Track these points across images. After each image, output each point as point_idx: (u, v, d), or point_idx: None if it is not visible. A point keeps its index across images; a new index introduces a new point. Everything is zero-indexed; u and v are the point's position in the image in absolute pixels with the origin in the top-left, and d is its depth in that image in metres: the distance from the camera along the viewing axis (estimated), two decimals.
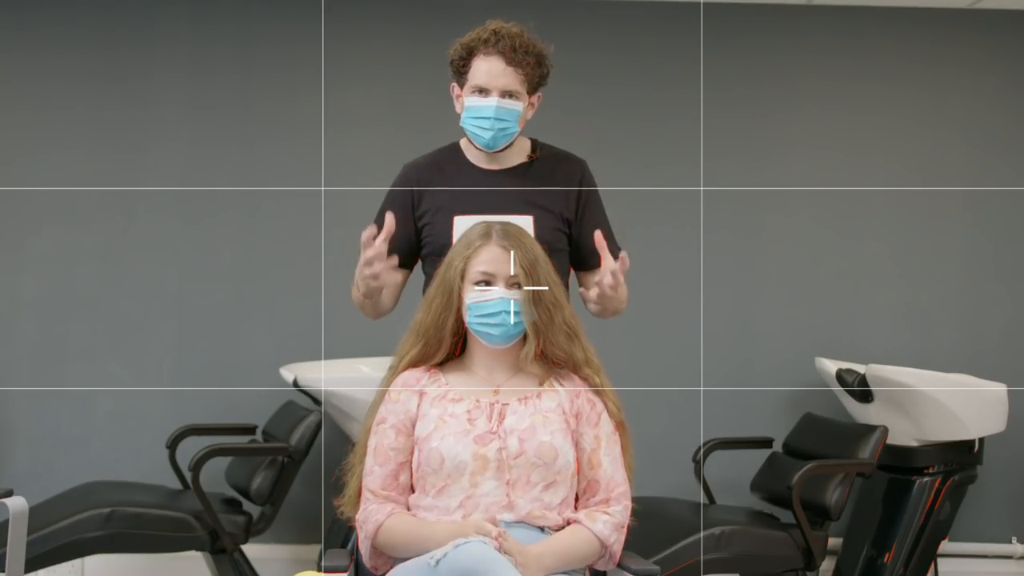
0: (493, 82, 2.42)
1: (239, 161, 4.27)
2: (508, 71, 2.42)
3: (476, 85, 2.44)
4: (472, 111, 2.45)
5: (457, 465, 2.09)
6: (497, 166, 2.53)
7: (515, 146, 2.53)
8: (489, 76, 2.42)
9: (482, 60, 2.44)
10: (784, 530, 3.48)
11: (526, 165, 2.54)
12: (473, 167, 2.54)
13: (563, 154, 2.60)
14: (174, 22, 4.29)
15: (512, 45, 2.41)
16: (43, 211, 4.22)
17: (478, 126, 2.45)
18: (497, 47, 2.42)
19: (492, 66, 2.42)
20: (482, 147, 2.48)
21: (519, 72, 2.43)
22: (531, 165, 2.54)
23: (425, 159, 2.60)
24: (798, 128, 4.37)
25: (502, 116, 2.43)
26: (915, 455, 3.86)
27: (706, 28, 4.24)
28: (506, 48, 2.41)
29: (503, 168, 2.53)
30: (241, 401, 4.14)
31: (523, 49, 2.42)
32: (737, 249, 4.32)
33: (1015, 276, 4.35)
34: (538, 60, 2.46)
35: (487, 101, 2.43)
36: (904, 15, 4.34)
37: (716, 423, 4.11)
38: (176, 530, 3.47)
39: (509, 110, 2.44)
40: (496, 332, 2.16)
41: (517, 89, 2.44)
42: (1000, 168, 4.35)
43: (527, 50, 2.43)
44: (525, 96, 2.47)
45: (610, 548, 2.14)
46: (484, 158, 2.53)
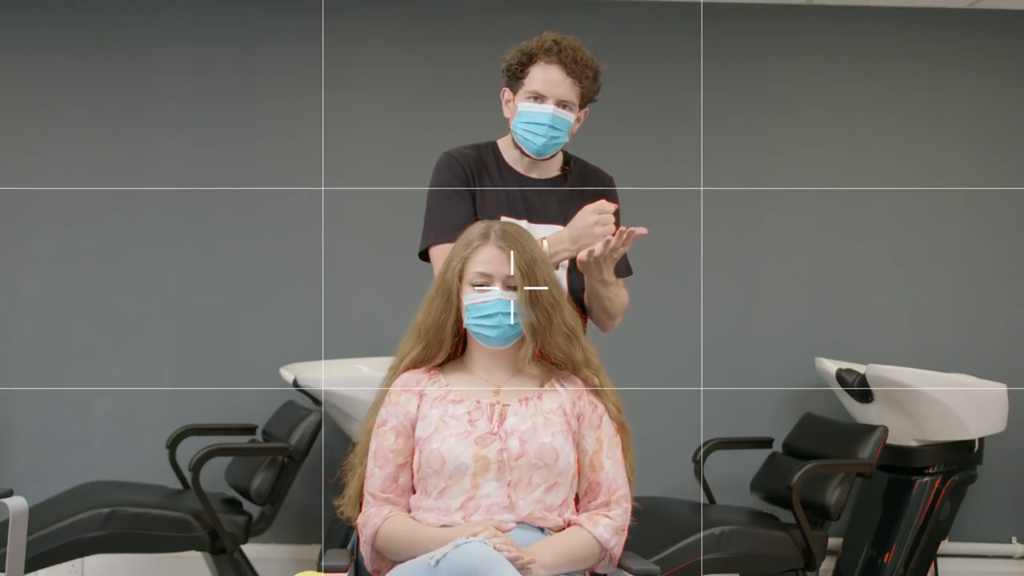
0: (552, 90, 2.44)
1: (239, 161, 4.27)
2: (567, 81, 2.45)
3: (534, 91, 2.46)
4: (527, 116, 2.46)
5: (458, 466, 2.09)
6: (537, 174, 2.55)
7: (555, 158, 2.56)
8: (548, 84, 2.44)
9: (542, 68, 2.45)
10: (784, 530, 3.48)
11: (562, 178, 2.57)
12: (513, 171, 2.55)
13: (593, 168, 2.64)
14: (174, 22, 4.29)
15: (573, 57, 2.45)
16: (43, 211, 4.22)
17: (532, 131, 2.46)
18: (559, 56, 2.44)
19: (552, 74, 2.44)
20: (532, 153, 2.49)
21: (576, 84, 2.46)
22: (566, 178, 2.57)
23: (469, 151, 2.58)
24: (798, 128, 4.37)
25: (556, 125, 2.45)
26: (915, 455, 3.86)
27: (706, 28, 4.24)
28: (567, 59, 2.44)
29: (542, 177, 2.55)
30: (241, 401, 4.14)
31: (583, 62, 2.46)
32: (737, 249, 4.32)
33: (1015, 276, 4.35)
34: (594, 76, 2.50)
35: (544, 108, 2.45)
36: (904, 15, 4.34)
37: (716, 423, 4.11)
38: (176, 530, 3.47)
39: (563, 120, 2.46)
40: (494, 333, 2.16)
41: (572, 100, 2.46)
42: (1000, 168, 4.35)
43: (586, 63, 2.47)
44: (577, 108, 2.49)
45: (610, 551, 2.14)
46: (524, 164, 2.54)
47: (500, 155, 2.57)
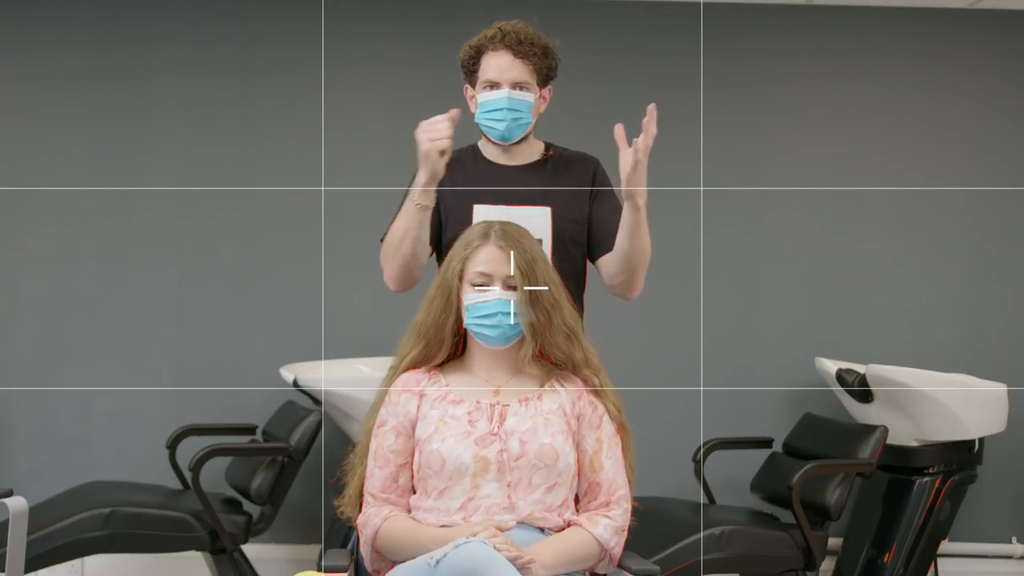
0: (503, 75, 2.48)
1: (239, 161, 4.27)
2: (517, 63, 2.48)
3: (487, 80, 2.50)
4: (485, 105, 2.51)
5: (458, 467, 2.09)
6: (514, 162, 2.57)
7: (530, 145, 2.59)
8: (499, 70, 2.48)
9: (491, 56, 2.50)
10: (784, 530, 3.48)
11: (542, 162, 2.59)
12: (491, 163, 2.58)
13: (576, 152, 2.66)
14: (174, 22, 4.29)
15: (518, 39, 2.48)
16: (43, 211, 4.22)
17: (492, 118, 2.50)
18: (504, 42, 2.48)
19: (501, 60, 2.48)
20: (497, 139, 2.53)
21: (527, 64, 2.49)
22: (546, 163, 2.59)
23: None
24: (798, 128, 4.37)
25: (515, 107, 2.48)
26: (915, 455, 3.86)
27: (706, 28, 4.23)
28: (512, 42, 2.48)
29: (520, 164, 2.58)
30: (241, 401, 4.14)
31: (529, 41, 2.49)
32: (737, 249, 4.32)
33: (1015, 276, 4.35)
34: (544, 52, 2.52)
35: (498, 93, 2.48)
36: (904, 15, 4.34)
37: (716, 423, 4.11)
38: (176, 530, 3.47)
39: (521, 100, 2.49)
40: (494, 333, 2.16)
41: (527, 80, 2.50)
42: (1000, 168, 4.35)
43: (533, 42, 2.49)
44: (536, 88, 2.52)
45: (610, 551, 2.14)
46: (501, 154, 2.58)
47: (478, 151, 2.62)
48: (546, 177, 2.56)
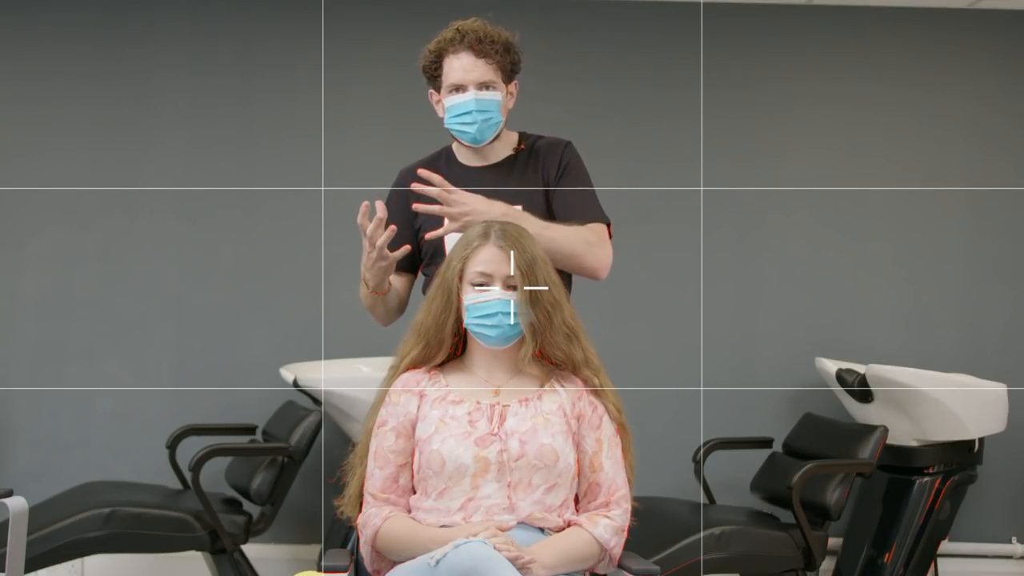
0: (467, 76, 2.45)
1: (239, 161, 4.27)
2: (479, 63, 2.45)
3: (452, 83, 2.47)
4: (453, 109, 2.48)
5: (458, 467, 2.09)
6: (485, 162, 2.56)
7: (503, 141, 2.56)
8: (463, 72, 2.45)
9: (452, 58, 2.47)
10: (784, 530, 3.48)
11: (512, 158, 2.56)
12: (463, 166, 2.56)
13: (547, 139, 2.62)
14: (174, 22, 4.29)
15: (478, 38, 2.45)
16: (43, 211, 4.22)
17: (462, 122, 2.48)
18: (464, 43, 2.45)
19: (463, 62, 2.46)
20: (469, 143, 2.51)
21: (490, 62, 2.46)
22: (516, 157, 2.56)
23: (418, 163, 2.61)
24: (798, 128, 4.37)
25: (483, 108, 2.46)
26: (915, 455, 3.86)
27: (706, 28, 4.23)
28: (472, 41, 2.45)
29: (491, 164, 2.56)
30: (241, 401, 4.14)
31: (489, 39, 2.46)
32: (737, 249, 4.32)
33: (1015, 276, 4.35)
34: (506, 47, 2.49)
35: (465, 96, 2.46)
36: (904, 15, 4.34)
37: (716, 423, 4.11)
38: (176, 530, 3.47)
39: (488, 100, 2.46)
40: (494, 333, 2.15)
41: (492, 79, 2.47)
42: (1000, 168, 4.35)
43: (493, 40, 2.46)
44: (502, 85, 2.49)
45: (610, 552, 2.14)
46: (473, 156, 2.56)
47: (452, 154, 2.59)
48: (517, 174, 2.54)
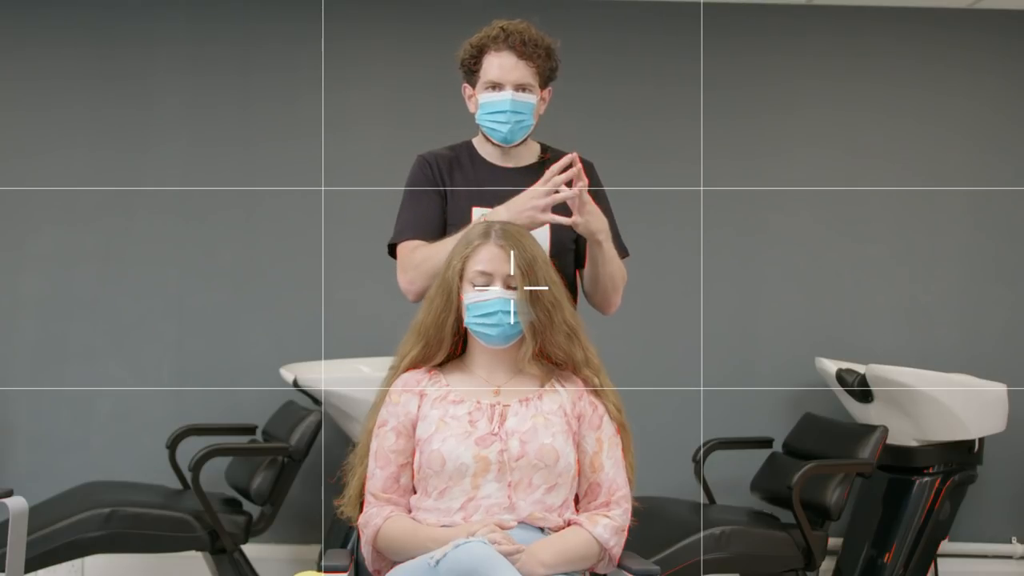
0: (506, 76, 2.45)
1: (239, 161, 4.27)
2: (520, 64, 2.45)
3: (489, 81, 2.47)
4: (488, 107, 2.48)
5: (459, 467, 2.09)
6: (511, 164, 2.55)
7: (528, 148, 2.57)
8: (502, 71, 2.45)
9: (494, 56, 2.46)
10: (784, 530, 3.48)
11: (538, 164, 2.56)
12: (488, 164, 2.56)
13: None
14: (174, 22, 4.29)
15: (522, 39, 2.45)
16: (43, 211, 4.22)
17: (495, 120, 2.47)
18: (507, 42, 2.45)
19: (504, 61, 2.45)
20: (499, 142, 2.50)
21: (530, 65, 2.46)
22: (542, 165, 2.56)
23: (443, 151, 2.60)
24: (798, 128, 4.37)
25: (518, 109, 2.46)
26: (915, 455, 3.86)
27: (706, 28, 4.24)
28: (516, 43, 2.45)
29: (517, 166, 2.55)
30: (241, 401, 4.14)
31: (532, 43, 2.46)
32: (737, 249, 4.32)
33: (1015, 276, 4.35)
34: (547, 53, 2.49)
35: (502, 95, 2.45)
36: (904, 15, 4.34)
37: (716, 423, 4.11)
38: (176, 530, 3.47)
39: (524, 103, 2.46)
40: (494, 332, 2.15)
41: (530, 82, 2.47)
42: (1000, 168, 4.35)
43: (536, 43, 2.46)
44: (537, 90, 2.49)
45: (610, 551, 2.14)
46: (498, 155, 2.55)
47: (475, 151, 2.59)
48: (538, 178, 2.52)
